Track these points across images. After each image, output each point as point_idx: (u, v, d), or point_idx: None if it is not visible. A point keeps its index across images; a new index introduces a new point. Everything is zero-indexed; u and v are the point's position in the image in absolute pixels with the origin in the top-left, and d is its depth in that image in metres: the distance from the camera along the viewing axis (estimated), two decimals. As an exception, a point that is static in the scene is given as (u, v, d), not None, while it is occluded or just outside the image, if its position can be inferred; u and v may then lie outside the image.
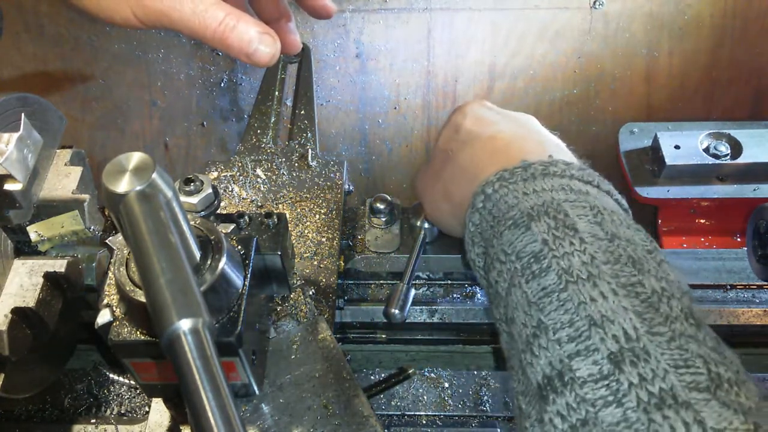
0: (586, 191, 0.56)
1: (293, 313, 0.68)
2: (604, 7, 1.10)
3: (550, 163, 0.59)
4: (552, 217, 0.53)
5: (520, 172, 0.58)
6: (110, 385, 0.77)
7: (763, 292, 0.86)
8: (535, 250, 0.52)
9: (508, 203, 0.57)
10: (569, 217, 0.53)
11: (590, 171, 0.60)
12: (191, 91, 1.13)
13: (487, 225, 0.59)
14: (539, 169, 0.58)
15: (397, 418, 0.78)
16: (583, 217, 0.53)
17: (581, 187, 0.57)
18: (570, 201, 0.54)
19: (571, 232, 0.51)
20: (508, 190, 0.58)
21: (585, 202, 0.54)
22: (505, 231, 0.55)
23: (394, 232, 0.85)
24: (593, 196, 0.56)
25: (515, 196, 0.57)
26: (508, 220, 0.55)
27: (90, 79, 1.12)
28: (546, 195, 0.55)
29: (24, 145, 0.59)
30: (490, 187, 0.59)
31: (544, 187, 0.56)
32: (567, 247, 0.50)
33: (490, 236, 0.58)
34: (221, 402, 0.36)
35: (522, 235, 0.53)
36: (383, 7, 1.11)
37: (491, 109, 0.72)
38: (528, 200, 0.56)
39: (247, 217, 0.64)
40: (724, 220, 0.97)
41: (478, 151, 0.66)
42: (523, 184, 0.57)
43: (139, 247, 0.41)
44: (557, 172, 0.58)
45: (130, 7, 0.60)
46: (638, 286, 0.48)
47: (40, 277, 0.61)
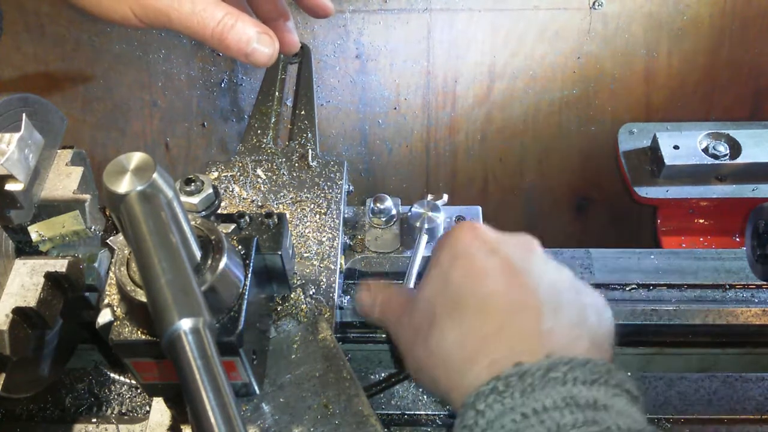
0: (594, 401, 0.50)
1: (293, 313, 0.68)
2: (604, 8, 1.10)
3: (549, 368, 0.51)
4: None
5: (516, 383, 0.51)
6: (111, 384, 0.77)
7: (762, 292, 0.86)
8: None
9: (506, 429, 0.50)
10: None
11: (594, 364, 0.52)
12: (192, 92, 1.13)
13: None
14: (537, 376, 0.51)
15: (397, 418, 0.78)
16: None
17: (587, 396, 0.50)
18: (578, 426, 0.48)
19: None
20: (503, 407, 0.50)
21: (594, 425, 0.48)
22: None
23: (394, 232, 0.86)
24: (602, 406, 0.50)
25: (513, 419, 0.50)
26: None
27: (91, 80, 1.12)
28: (549, 420, 0.48)
29: (25, 145, 0.59)
30: (482, 402, 0.51)
31: (545, 404, 0.49)
32: None
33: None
34: (222, 401, 0.37)
35: None
36: (383, 8, 1.11)
37: (485, 245, 0.62)
38: (530, 428, 0.49)
39: (248, 217, 0.64)
40: (723, 220, 0.97)
41: (469, 331, 0.57)
42: (521, 400, 0.50)
43: (139, 247, 0.42)
44: (559, 379, 0.50)
45: (129, 6, 0.60)
46: None
47: (41, 276, 0.61)
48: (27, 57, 1.10)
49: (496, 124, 1.15)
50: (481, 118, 1.15)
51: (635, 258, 0.86)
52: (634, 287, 0.84)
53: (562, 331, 0.56)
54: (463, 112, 1.15)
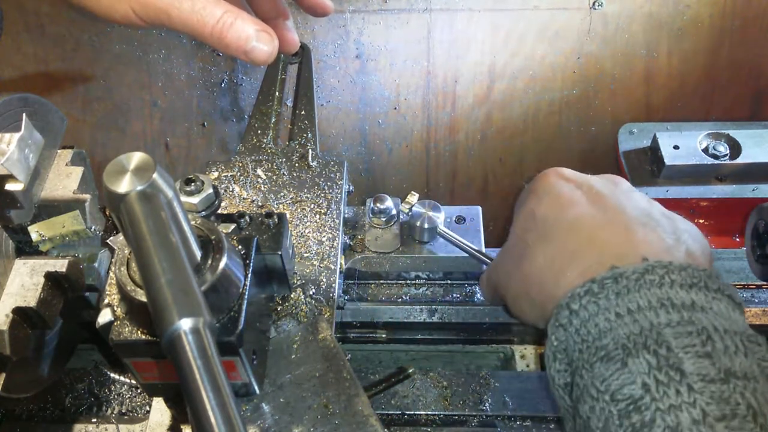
0: (691, 303, 0.49)
1: (293, 313, 0.68)
2: (604, 8, 1.10)
3: (645, 270, 0.50)
4: (653, 353, 0.46)
5: (611, 285, 0.50)
6: (111, 384, 0.77)
7: (762, 292, 0.87)
8: (635, 396, 0.45)
9: (599, 327, 0.50)
10: (673, 351, 0.45)
11: (693, 269, 0.51)
12: (192, 92, 1.13)
13: (574, 346, 0.52)
14: (633, 279, 0.50)
15: (397, 418, 0.78)
16: (689, 349, 0.45)
17: (684, 298, 0.49)
18: (672, 326, 0.47)
19: (677, 376, 0.44)
20: (597, 308, 0.50)
21: (690, 324, 0.47)
22: (596, 362, 0.48)
23: (394, 232, 0.86)
24: (699, 308, 0.48)
25: (607, 318, 0.50)
26: (600, 350, 0.49)
27: (91, 80, 1.12)
28: (643, 319, 0.48)
29: (25, 145, 0.59)
30: (576, 302, 0.51)
31: (640, 304, 0.49)
32: (673, 397, 0.43)
33: (579, 362, 0.51)
34: (222, 401, 0.37)
35: (618, 372, 0.46)
36: (383, 8, 1.11)
37: (569, 182, 0.64)
38: (623, 326, 0.48)
39: (248, 217, 0.64)
40: (723, 220, 0.97)
41: (558, 248, 0.58)
42: (616, 300, 0.50)
43: (140, 247, 0.42)
44: (655, 281, 0.50)
45: (129, 5, 0.60)
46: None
47: (41, 276, 0.61)
48: (27, 57, 1.10)
49: (496, 124, 1.15)
50: (481, 118, 1.15)
51: (635, 258, 0.86)
52: (634, 287, 0.84)
53: (657, 240, 0.55)
54: (463, 112, 1.15)
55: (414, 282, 0.89)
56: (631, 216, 0.58)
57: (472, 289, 0.88)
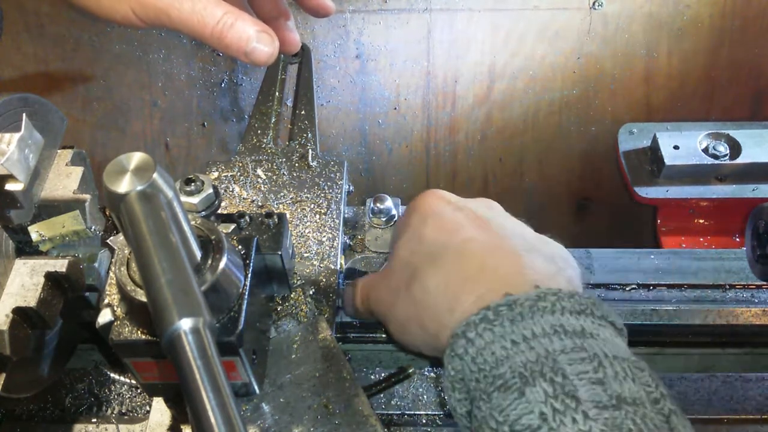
0: (582, 329, 0.51)
1: (293, 313, 0.68)
2: (604, 8, 1.10)
3: (537, 298, 0.52)
4: (549, 381, 0.47)
5: (506, 312, 0.51)
6: (111, 384, 0.77)
7: (762, 292, 0.86)
8: (533, 426, 0.46)
9: (496, 355, 0.50)
10: (568, 378, 0.47)
11: (580, 297, 0.53)
12: (192, 92, 1.13)
13: (471, 375, 0.52)
14: (526, 306, 0.51)
15: (397, 418, 0.78)
16: (583, 376, 0.47)
17: (575, 324, 0.51)
18: (566, 352, 0.48)
19: (572, 404, 0.45)
20: (493, 335, 0.51)
21: (582, 351, 0.48)
22: (494, 392, 0.49)
23: (394, 232, 0.85)
24: (589, 335, 0.50)
25: (503, 345, 0.50)
26: (498, 378, 0.49)
27: (91, 80, 1.12)
28: (539, 346, 0.49)
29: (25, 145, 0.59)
30: (473, 330, 0.52)
31: (534, 331, 0.50)
32: (569, 426, 0.44)
33: (476, 391, 0.51)
34: (222, 401, 0.37)
35: (516, 402, 0.47)
36: (383, 8, 1.11)
37: (450, 204, 0.65)
38: (519, 354, 0.49)
39: (248, 217, 0.64)
40: (723, 220, 0.97)
41: (450, 274, 0.59)
42: (511, 327, 0.51)
43: (139, 247, 0.42)
44: (547, 308, 0.51)
45: (129, 6, 0.60)
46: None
47: (41, 276, 0.61)
48: (27, 57, 1.10)
49: (496, 124, 1.15)
50: (481, 118, 1.15)
51: (635, 258, 0.86)
52: (634, 287, 0.84)
53: (542, 269, 0.57)
54: (463, 112, 1.15)
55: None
56: (515, 242, 0.60)
57: (472, 289, 0.88)
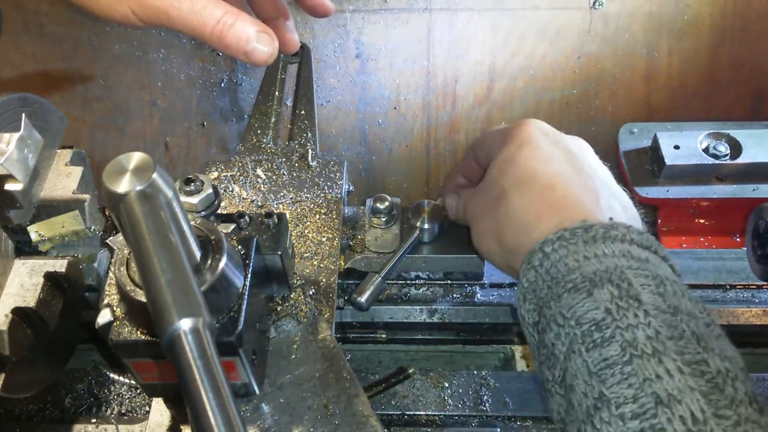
0: (646, 258, 0.55)
1: (293, 313, 0.68)
2: (604, 7, 1.10)
3: (611, 226, 0.57)
4: (615, 285, 0.51)
5: (581, 233, 0.56)
6: (111, 384, 0.77)
7: (763, 292, 0.86)
8: (597, 318, 0.50)
9: (569, 266, 0.55)
10: (633, 286, 0.51)
11: (648, 235, 0.58)
12: (191, 92, 1.13)
13: (544, 284, 0.57)
14: (600, 231, 0.56)
15: (397, 418, 0.78)
16: (646, 287, 0.51)
17: (641, 253, 0.55)
18: (633, 269, 0.53)
19: (635, 303, 0.50)
20: (568, 251, 0.56)
21: (647, 270, 0.53)
22: (564, 294, 0.53)
23: (394, 232, 0.85)
24: (653, 263, 0.55)
25: (576, 258, 0.55)
26: (569, 283, 0.54)
27: (90, 79, 1.12)
28: (608, 261, 0.54)
29: (24, 145, 0.59)
30: (549, 246, 0.57)
31: (605, 251, 0.55)
32: (631, 318, 0.49)
33: (547, 297, 0.56)
34: (221, 401, 0.37)
35: (583, 301, 0.52)
36: (383, 8, 1.11)
37: (548, 136, 0.69)
38: (590, 264, 0.54)
39: (248, 217, 0.64)
40: (724, 220, 0.97)
41: (535, 199, 0.63)
42: (584, 247, 0.55)
43: (139, 247, 0.42)
44: (618, 236, 0.56)
45: (129, 5, 0.60)
46: (703, 365, 0.47)
47: (40, 277, 0.61)
48: (26, 57, 1.10)
49: (497, 124, 1.15)
50: (482, 118, 1.15)
51: (636, 258, 0.86)
52: (635, 287, 0.84)
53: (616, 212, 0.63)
54: (463, 112, 1.14)
55: (414, 282, 0.89)
56: (598, 183, 0.65)
57: (472, 290, 0.88)
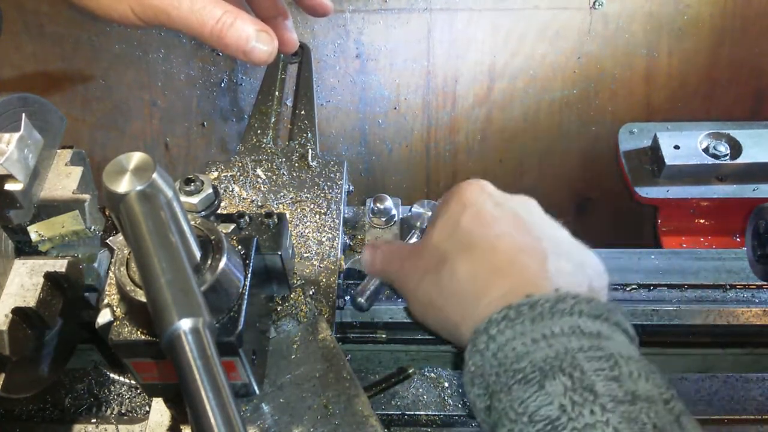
0: (597, 332, 0.53)
1: (293, 313, 0.68)
2: (604, 8, 1.10)
3: (558, 299, 0.54)
4: (568, 375, 0.49)
5: (527, 311, 0.54)
6: (111, 384, 0.77)
7: (763, 292, 0.86)
8: (552, 417, 0.47)
9: (517, 351, 0.52)
10: (585, 374, 0.48)
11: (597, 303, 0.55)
12: (191, 92, 1.13)
13: (491, 370, 0.54)
14: (546, 307, 0.54)
15: (397, 418, 0.78)
16: (600, 372, 0.49)
17: (591, 327, 0.53)
18: (584, 350, 0.50)
19: (590, 397, 0.47)
20: (514, 332, 0.53)
21: (599, 350, 0.50)
22: (514, 385, 0.51)
23: (394, 232, 0.85)
24: (605, 337, 0.53)
25: (523, 342, 0.52)
26: (518, 372, 0.51)
27: (90, 79, 1.12)
28: (558, 344, 0.51)
29: (24, 145, 0.59)
30: (494, 327, 0.54)
31: (554, 330, 0.52)
32: (588, 416, 0.46)
33: (496, 386, 0.53)
34: (221, 401, 0.37)
35: (535, 395, 0.49)
36: (383, 8, 1.11)
37: (491, 197, 0.67)
38: (539, 350, 0.51)
39: (248, 217, 0.64)
40: (724, 220, 0.97)
41: (480, 264, 0.61)
42: (531, 326, 0.53)
43: (139, 247, 0.41)
44: (566, 310, 0.53)
45: (128, 5, 0.60)
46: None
47: (40, 277, 0.61)
48: (26, 57, 1.10)
49: (496, 124, 1.15)
50: (481, 118, 1.15)
51: (636, 258, 0.86)
52: (635, 287, 0.84)
53: (566, 275, 0.60)
54: (463, 112, 1.14)
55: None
56: (546, 245, 0.62)
57: (472, 289, 0.88)
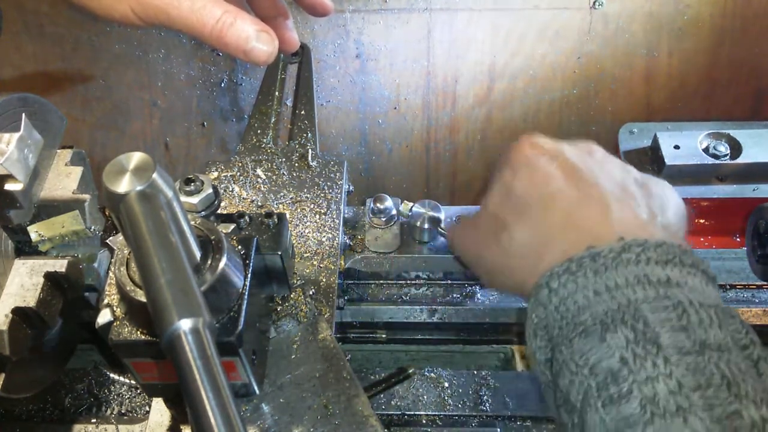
0: (667, 279, 0.50)
1: (293, 313, 0.68)
2: (604, 8, 1.10)
3: (622, 249, 0.52)
4: (630, 328, 0.47)
5: (588, 263, 0.52)
6: (111, 384, 0.77)
7: (763, 292, 0.86)
8: (613, 369, 0.46)
9: (578, 304, 0.51)
10: (649, 326, 0.46)
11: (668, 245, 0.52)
12: (191, 92, 1.13)
13: (554, 323, 0.53)
14: (610, 258, 0.51)
15: (397, 418, 0.78)
16: (666, 323, 0.47)
17: (660, 274, 0.50)
18: (649, 301, 0.48)
19: (653, 349, 0.45)
20: (576, 286, 0.52)
21: (666, 299, 0.48)
22: (575, 338, 0.50)
23: (394, 232, 0.85)
24: (675, 284, 0.50)
25: (585, 295, 0.51)
26: (579, 325, 0.50)
27: (90, 79, 1.12)
28: (621, 296, 0.50)
29: (24, 145, 0.59)
30: (556, 281, 0.53)
31: (618, 282, 0.50)
32: (650, 369, 0.45)
33: (558, 338, 0.52)
34: (221, 401, 0.37)
35: (596, 348, 0.48)
36: (383, 8, 1.11)
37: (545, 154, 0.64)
38: (601, 303, 0.50)
39: (248, 217, 0.64)
40: (724, 220, 0.97)
41: (536, 227, 0.60)
42: (594, 278, 0.51)
43: (139, 247, 0.42)
44: (631, 260, 0.51)
45: (128, 5, 0.60)
46: (736, 419, 0.42)
47: (40, 276, 0.61)
48: (26, 57, 1.10)
49: (497, 124, 1.15)
50: (482, 118, 1.15)
51: (636, 258, 0.86)
52: (635, 287, 0.84)
53: (631, 218, 0.57)
54: (463, 112, 1.14)
55: (414, 282, 0.89)
56: (606, 191, 0.59)
57: (472, 290, 0.88)
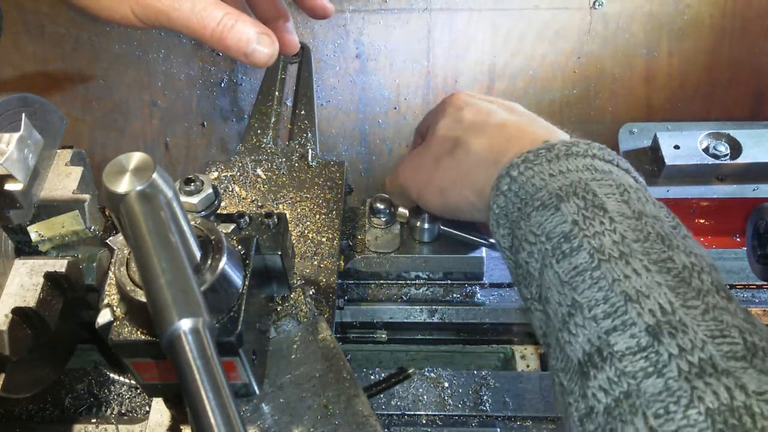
0: (609, 170, 0.58)
1: (293, 313, 0.68)
2: (604, 8, 1.10)
3: (572, 144, 0.60)
4: (581, 198, 0.54)
5: (544, 153, 0.60)
6: (111, 384, 0.77)
7: (763, 292, 0.86)
8: (566, 231, 0.53)
9: (535, 185, 0.58)
10: (597, 196, 0.54)
11: (609, 150, 0.61)
12: (191, 92, 1.13)
13: (514, 207, 0.60)
14: (563, 149, 0.59)
15: (397, 418, 0.78)
16: (610, 195, 0.54)
17: (603, 166, 0.58)
18: (596, 180, 0.56)
19: (600, 212, 0.52)
20: (533, 171, 0.59)
21: (610, 180, 0.56)
22: (533, 212, 0.56)
23: (394, 232, 0.85)
24: (616, 174, 0.57)
25: (542, 177, 0.58)
26: (536, 201, 0.56)
27: (90, 79, 1.12)
28: (572, 175, 0.57)
29: (24, 145, 0.59)
30: (515, 170, 0.60)
31: (569, 167, 0.58)
32: (597, 226, 0.52)
33: (517, 218, 0.59)
34: (221, 402, 0.37)
35: (551, 216, 0.54)
36: (383, 8, 1.11)
37: (481, 99, 0.75)
38: (555, 181, 0.57)
39: (248, 217, 0.64)
40: (724, 220, 0.97)
41: (494, 138, 0.68)
42: (548, 165, 0.58)
43: (139, 247, 0.41)
44: (580, 152, 0.59)
45: (129, 6, 0.60)
46: (669, 262, 0.49)
47: (40, 277, 0.61)
48: (26, 57, 1.10)
49: (497, 124, 1.15)
50: (482, 118, 1.15)
51: (636, 258, 0.86)
52: (635, 287, 0.84)
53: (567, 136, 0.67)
54: (463, 112, 1.14)
55: (414, 282, 0.89)
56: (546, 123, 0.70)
57: (472, 290, 0.88)
